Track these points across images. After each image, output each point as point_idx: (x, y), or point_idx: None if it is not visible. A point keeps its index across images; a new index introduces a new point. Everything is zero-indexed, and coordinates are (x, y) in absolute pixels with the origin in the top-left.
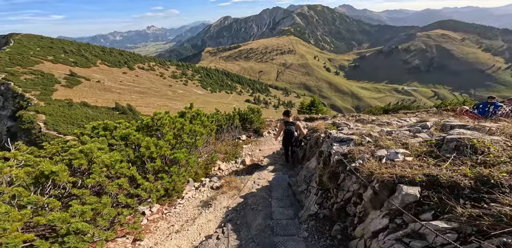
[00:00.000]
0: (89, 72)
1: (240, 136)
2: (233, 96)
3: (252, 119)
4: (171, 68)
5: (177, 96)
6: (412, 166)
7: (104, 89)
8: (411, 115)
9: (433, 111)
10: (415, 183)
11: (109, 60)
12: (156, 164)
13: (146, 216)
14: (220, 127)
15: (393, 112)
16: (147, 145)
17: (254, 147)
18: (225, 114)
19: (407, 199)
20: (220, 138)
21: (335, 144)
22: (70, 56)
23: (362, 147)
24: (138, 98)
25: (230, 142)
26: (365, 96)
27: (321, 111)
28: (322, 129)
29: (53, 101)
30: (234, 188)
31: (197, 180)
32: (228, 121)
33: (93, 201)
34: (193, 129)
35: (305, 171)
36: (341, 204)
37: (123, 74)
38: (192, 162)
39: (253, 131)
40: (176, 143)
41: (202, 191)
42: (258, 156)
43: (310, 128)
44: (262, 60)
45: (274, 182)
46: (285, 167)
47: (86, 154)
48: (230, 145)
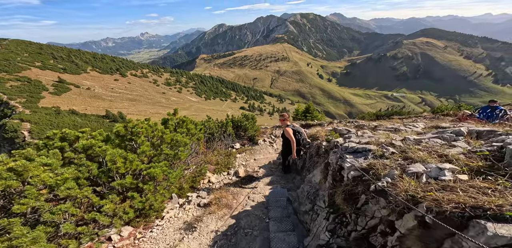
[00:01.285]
0: (79, 79)
1: (234, 145)
2: (227, 104)
3: (246, 127)
4: (164, 75)
5: (170, 104)
6: (481, 190)
7: (95, 97)
8: (409, 121)
9: (430, 116)
10: (503, 218)
11: (100, 66)
12: (126, 181)
13: (113, 243)
14: (212, 135)
15: (386, 118)
16: (112, 159)
17: (248, 156)
18: (217, 121)
19: (494, 242)
20: (212, 147)
21: (348, 156)
22: (60, 62)
23: (386, 160)
24: (130, 106)
25: (223, 151)
26: (357, 102)
27: (316, 118)
28: (323, 137)
29: (39, 108)
30: (224, 207)
31: (182, 196)
32: (220, 128)
33: (20, 234)
34: (175, 138)
35: (307, 186)
36: (362, 233)
37: (115, 81)
38: (174, 177)
39: (247, 139)
40: (155, 155)
41: (187, 210)
42: (253, 166)
43: (309, 136)
44: (257, 67)
45: (271, 198)
46: (283, 179)
47: (19, 173)
48: (222, 155)
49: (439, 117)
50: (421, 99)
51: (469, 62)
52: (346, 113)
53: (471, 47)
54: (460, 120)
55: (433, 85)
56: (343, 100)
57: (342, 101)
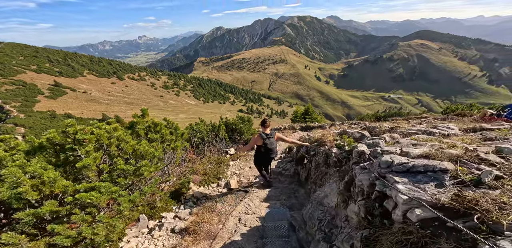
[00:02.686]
0: (75, 83)
1: (228, 150)
2: (226, 106)
3: (241, 130)
4: (162, 78)
5: (168, 107)
6: None
7: (91, 100)
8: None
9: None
10: None
11: (97, 70)
12: (41, 210)
13: None
14: (202, 139)
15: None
16: (15, 180)
17: (243, 163)
18: (210, 124)
19: None
20: (202, 153)
21: (397, 179)
22: (56, 65)
23: (494, 192)
24: (128, 109)
25: (214, 158)
26: (355, 104)
27: (316, 120)
28: (331, 142)
29: (34, 113)
30: (205, 236)
31: (155, 216)
32: (212, 132)
33: None
34: (138, 148)
35: (318, 211)
36: None
37: (112, 84)
38: (127, 202)
39: (243, 143)
40: (110, 171)
41: (156, 238)
42: (248, 175)
43: (313, 140)
44: (255, 70)
45: (268, 223)
46: (283, 193)
47: None
48: (212, 163)
49: (452, 117)
50: (417, 100)
51: (464, 64)
52: (344, 115)
53: (465, 48)
54: (486, 121)
55: (429, 87)
56: (341, 102)
57: (340, 103)
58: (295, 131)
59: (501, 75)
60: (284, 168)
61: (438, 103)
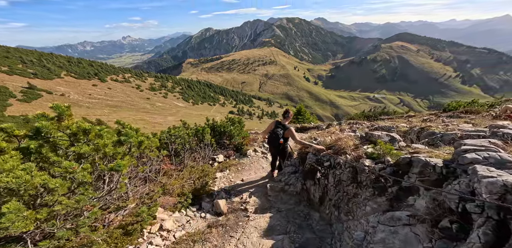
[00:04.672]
0: (51, 85)
1: (216, 157)
2: (216, 108)
3: (231, 133)
4: (149, 80)
5: (155, 110)
6: None
7: (70, 103)
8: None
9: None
10: None
11: (76, 71)
12: None
13: None
14: (184, 146)
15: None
16: None
17: (233, 174)
18: (193, 128)
19: None
20: (184, 162)
21: None
22: (30, 66)
23: None
24: (111, 112)
25: (196, 169)
26: (343, 104)
27: (309, 120)
28: (353, 149)
29: (6, 117)
30: None
31: None
32: (194, 137)
33: None
34: (30, 180)
35: None
36: None
37: (93, 86)
38: None
39: (233, 148)
40: None
41: None
42: (241, 191)
43: (327, 146)
44: (245, 71)
45: None
46: (290, 219)
47: None
48: (193, 177)
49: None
50: (399, 100)
51: (439, 65)
52: (332, 115)
53: (440, 50)
54: (509, 117)
55: (409, 87)
56: (329, 102)
57: (328, 103)
58: None
59: (472, 75)
60: (286, 182)
61: (418, 102)
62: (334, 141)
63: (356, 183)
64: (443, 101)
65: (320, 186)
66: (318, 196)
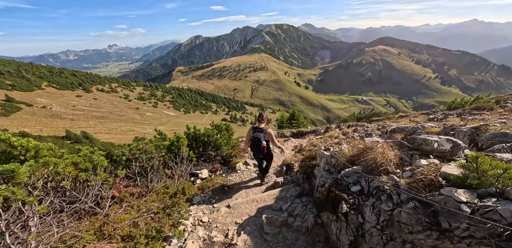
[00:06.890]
0: (32, 96)
1: (200, 172)
2: (208, 116)
3: (217, 143)
4: (137, 89)
5: (145, 120)
6: None
7: (52, 116)
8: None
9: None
10: None
11: (58, 81)
12: None
13: None
14: (149, 160)
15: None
16: None
17: (217, 197)
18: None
19: None
20: (149, 185)
21: None
22: (7, 78)
23: None
24: (98, 124)
25: (169, 190)
26: (333, 107)
27: (303, 124)
28: (400, 169)
29: None
30: None
31: None
32: (167, 150)
33: None
34: None
35: None
36: None
37: (77, 97)
38: None
39: (220, 161)
40: None
41: None
42: (225, 225)
43: (348, 159)
44: (236, 77)
45: None
46: None
47: None
48: (156, 205)
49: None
50: (386, 101)
51: (419, 67)
52: (324, 118)
53: (418, 53)
54: None
55: (394, 88)
56: (321, 106)
57: (319, 107)
58: (288, 139)
59: (450, 76)
60: (290, 211)
61: (403, 103)
62: (360, 151)
63: (439, 232)
64: (425, 101)
65: (349, 224)
66: (348, 241)
